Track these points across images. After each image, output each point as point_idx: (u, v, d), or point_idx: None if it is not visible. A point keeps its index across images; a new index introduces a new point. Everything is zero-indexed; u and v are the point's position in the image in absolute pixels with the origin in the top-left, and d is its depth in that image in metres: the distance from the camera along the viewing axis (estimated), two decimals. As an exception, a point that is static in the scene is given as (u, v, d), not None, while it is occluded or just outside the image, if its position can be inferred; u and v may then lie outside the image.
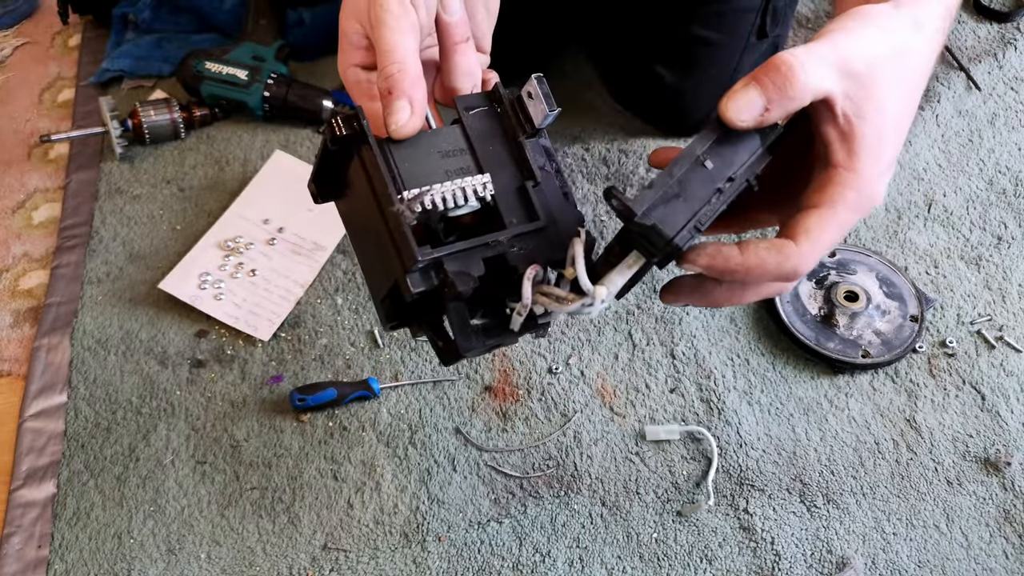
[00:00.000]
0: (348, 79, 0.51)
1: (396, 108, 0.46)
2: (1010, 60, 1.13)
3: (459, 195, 0.46)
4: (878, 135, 0.44)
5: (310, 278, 0.92)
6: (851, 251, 0.93)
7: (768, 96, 0.42)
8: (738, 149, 0.45)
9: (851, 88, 0.43)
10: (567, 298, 0.45)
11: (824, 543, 0.75)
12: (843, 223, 0.44)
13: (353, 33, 0.50)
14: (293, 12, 1.12)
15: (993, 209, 0.99)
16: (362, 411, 0.83)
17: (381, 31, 0.47)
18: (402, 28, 0.47)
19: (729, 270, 0.43)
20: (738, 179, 0.44)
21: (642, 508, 0.77)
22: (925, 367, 0.86)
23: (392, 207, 0.44)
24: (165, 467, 0.79)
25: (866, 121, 0.43)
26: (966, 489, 0.78)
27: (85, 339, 0.88)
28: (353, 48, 0.50)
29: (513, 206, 0.48)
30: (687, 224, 0.43)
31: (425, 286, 0.45)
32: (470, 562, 0.74)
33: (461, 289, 0.44)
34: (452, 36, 0.50)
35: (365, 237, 0.50)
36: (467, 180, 0.47)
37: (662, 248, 0.43)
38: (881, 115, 0.44)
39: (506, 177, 0.48)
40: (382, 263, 0.47)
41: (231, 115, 1.08)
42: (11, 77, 1.16)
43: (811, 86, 0.42)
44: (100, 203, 0.99)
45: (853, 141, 0.44)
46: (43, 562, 0.74)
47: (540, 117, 0.48)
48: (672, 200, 0.43)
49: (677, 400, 0.84)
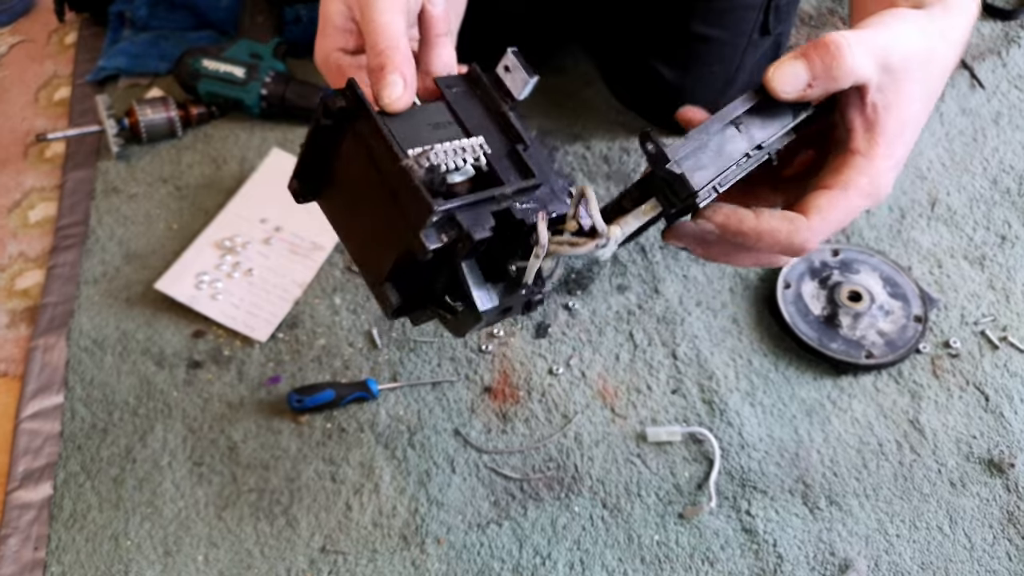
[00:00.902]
0: (329, 63, 0.52)
1: (389, 82, 0.46)
2: (1014, 58, 1.12)
3: (459, 154, 0.46)
4: (899, 129, 0.46)
5: (308, 278, 0.91)
6: (855, 251, 0.92)
7: (814, 72, 0.44)
8: (772, 120, 0.46)
9: (885, 81, 0.45)
10: (579, 242, 0.45)
11: (827, 545, 0.74)
12: (852, 207, 0.46)
13: (338, 15, 0.50)
14: (290, 9, 1.11)
15: (997, 208, 0.98)
16: (360, 412, 0.82)
17: (372, 12, 0.47)
18: (393, 9, 0.47)
19: (741, 232, 0.45)
20: (766, 148, 0.47)
21: (643, 510, 0.76)
22: (929, 368, 0.85)
23: (401, 162, 0.44)
24: (162, 469, 0.79)
25: (891, 114, 0.45)
26: (970, 491, 0.78)
27: (81, 339, 0.87)
28: (337, 31, 0.51)
29: (508, 167, 0.48)
30: (711, 182, 0.45)
31: (440, 242, 0.44)
32: (469, 565, 0.73)
33: (478, 236, 0.43)
34: (435, 28, 0.51)
35: (360, 219, 0.50)
36: (464, 141, 0.47)
37: (683, 199, 0.45)
38: (905, 111, 0.46)
39: (496, 143, 0.48)
40: (386, 236, 0.47)
41: (228, 113, 1.07)
42: (7, 75, 1.15)
43: (856, 71, 0.44)
44: (96, 202, 0.99)
45: (876, 131, 0.45)
46: (40, 564, 0.74)
47: (520, 86, 0.48)
48: (702, 155, 0.45)
49: (679, 401, 0.83)
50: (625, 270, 0.92)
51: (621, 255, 0.93)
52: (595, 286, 0.91)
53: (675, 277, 0.92)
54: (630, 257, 0.93)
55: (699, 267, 0.93)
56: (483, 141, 0.47)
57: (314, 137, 0.48)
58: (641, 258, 0.93)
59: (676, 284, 0.91)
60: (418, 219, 0.44)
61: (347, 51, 0.51)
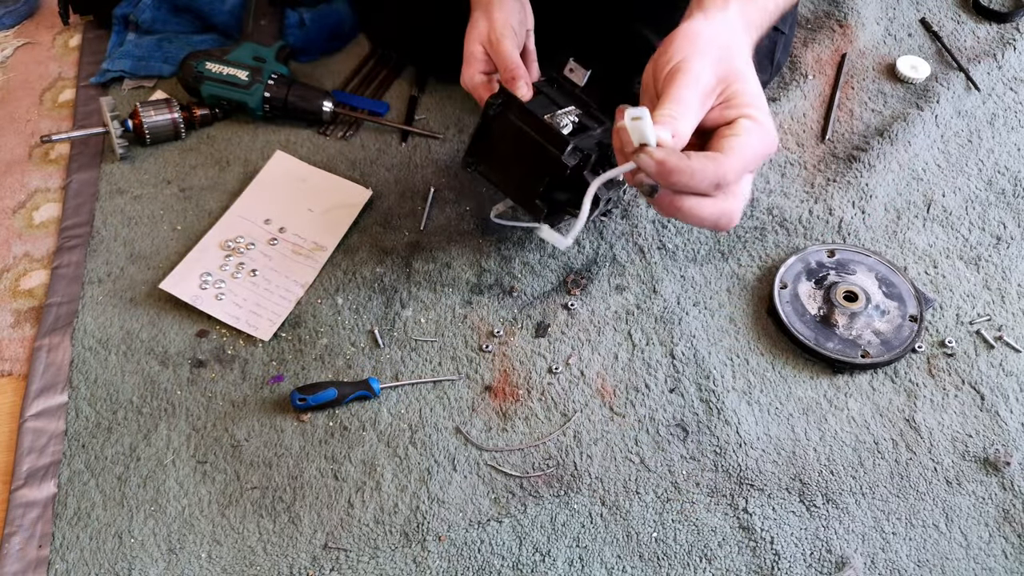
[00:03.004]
0: (475, 82, 0.86)
1: (520, 85, 0.82)
2: (1009, 60, 1.13)
3: (567, 116, 0.83)
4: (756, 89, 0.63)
5: (311, 278, 0.92)
6: (850, 251, 0.93)
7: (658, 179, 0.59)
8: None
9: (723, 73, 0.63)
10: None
11: (823, 542, 0.75)
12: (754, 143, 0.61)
13: (479, 52, 0.85)
14: (293, 13, 1.12)
15: (992, 209, 0.99)
16: (362, 411, 0.83)
17: (502, 48, 0.82)
18: (513, 46, 0.83)
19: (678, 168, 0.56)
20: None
21: (642, 508, 0.77)
22: (924, 367, 0.86)
23: (546, 118, 0.80)
24: (166, 467, 0.80)
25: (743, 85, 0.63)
26: (965, 489, 0.78)
27: (86, 339, 0.88)
28: (478, 62, 0.85)
29: (589, 120, 0.84)
30: None
31: (576, 159, 0.79)
32: (470, 561, 0.74)
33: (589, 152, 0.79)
34: (530, 56, 0.87)
35: (513, 170, 0.84)
36: (563, 110, 0.83)
37: None
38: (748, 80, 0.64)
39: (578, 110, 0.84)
40: (538, 169, 0.80)
41: (232, 115, 1.08)
42: (12, 77, 1.16)
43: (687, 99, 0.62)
44: (101, 203, 1.00)
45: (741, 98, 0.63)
46: (44, 562, 0.74)
47: (581, 78, 0.86)
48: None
49: (677, 400, 0.84)
50: (624, 270, 0.93)
51: (620, 256, 0.94)
52: (594, 286, 0.92)
53: (673, 277, 0.93)
54: (628, 258, 0.94)
55: (697, 268, 0.93)
56: (576, 109, 0.84)
57: (481, 125, 0.84)
58: (639, 259, 0.94)
59: (674, 284, 0.92)
60: (561, 148, 0.78)
61: (485, 73, 0.86)
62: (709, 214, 0.60)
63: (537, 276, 0.93)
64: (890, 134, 1.04)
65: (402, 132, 1.07)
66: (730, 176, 0.58)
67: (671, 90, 0.60)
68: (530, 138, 0.80)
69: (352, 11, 1.17)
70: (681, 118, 0.59)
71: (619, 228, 0.97)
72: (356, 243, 0.96)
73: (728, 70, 0.62)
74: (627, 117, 0.55)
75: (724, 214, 0.60)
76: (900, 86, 1.12)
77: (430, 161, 1.04)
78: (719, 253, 0.95)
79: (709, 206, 0.60)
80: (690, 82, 0.60)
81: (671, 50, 0.63)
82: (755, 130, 0.61)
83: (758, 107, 0.62)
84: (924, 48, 1.16)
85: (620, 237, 0.96)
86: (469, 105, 1.07)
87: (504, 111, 0.82)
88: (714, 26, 0.64)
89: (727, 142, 0.60)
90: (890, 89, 1.11)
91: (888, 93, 1.11)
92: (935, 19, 1.20)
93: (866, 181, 1.00)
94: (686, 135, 0.60)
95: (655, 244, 0.95)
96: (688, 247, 0.95)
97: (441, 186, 1.01)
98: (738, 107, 0.62)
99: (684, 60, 0.61)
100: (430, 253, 0.95)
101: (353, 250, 0.95)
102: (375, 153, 1.05)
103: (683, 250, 0.95)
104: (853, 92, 1.11)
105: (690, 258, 0.94)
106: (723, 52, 0.63)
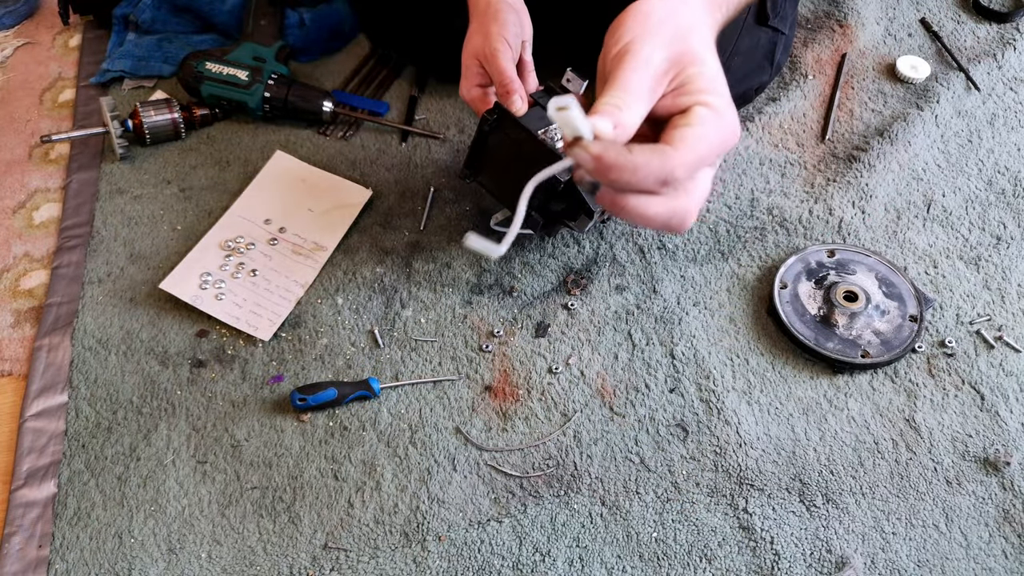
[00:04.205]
0: (473, 95, 0.87)
1: (514, 100, 0.83)
2: (1009, 60, 1.13)
3: (559, 132, 0.74)
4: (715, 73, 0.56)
5: (310, 278, 0.92)
6: (850, 251, 0.93)
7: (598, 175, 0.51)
8: None
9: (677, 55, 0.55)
10: None
11: (823, 542, 0.75)
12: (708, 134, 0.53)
13: (474, 65, 0.85)
14: (293, 13, 1.12)
15: (992, 209, 0.99)
16: (362, 411, 0.83)
17: (496, 61, 0.82)
18: (508, 59, 0.83)
19: (618, 164, 0.49)
20: None
21: (642, 507, 0.77)
22: (924, 367, 0.86)
23: (539, 133, 0.82)
24: (166, 467, 0.80)
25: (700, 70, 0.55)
26: (965, 489, 0.78)
27: (86, 339, 0.88)
28: (474, 75, 0.86)
29: None
30: None
31: (569, 175, 0.75)
32: (470, 561, 0.74)
33: None
34: (526, 68, 0.87)
35: (508, 180, 0.86)
36: None
37: None
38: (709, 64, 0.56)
39: None
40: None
41: (231, 115, 1.08)
42: (12, 77, 1.16)
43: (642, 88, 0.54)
44: (101, 203, 1.00)
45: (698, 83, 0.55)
46: (44, 562, 0.74)
47: (578, 89, 0.83)
48: None
49: (676, 400, 0.84)
50: (623, 271, 0.93)
51: (620, 256, 0.94)
52: (594, 286, 0.92)
53: (673, 277, 0.93)
54: (629, 258, 0.94)
55: (697, 268, 0.93)
56: None
57: (478, 138, 0.86)
58: (639, 259, 0.94)
59: (674, 284, 0.92)
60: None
61: (481, 86, 0.86)
62: (657, 214, 0.53)
63: (537, 276, 0.93)
64: (890, 134, 1.04)
65: (402, 132, 1.07)
66: (679, 172, 0.51)
67: (616, 75, 0.54)
68: (524, 153, 0.81)
69: (352, 11, 1.17)
70: (626, 107, 0.52)
71: (619, 228, 0.97)
72: (356, 243, 0.96)
73: (682, 52, 0.55)
74: (551, 108, 0.47)
75: (675, 214, 0.53)
76: (900, 86, 1.12)
77: (430, 161, 1.04)
78: (719, 253, 0.95)
79: (656, 205, 0.53)
80: (638, 66, 0.53)
81: (620, 31, 0.56)
82: (711, 119, 0.53)
83: (716, 93, 0.55)
84: (924, 48, 1.16)
85: (620, 237, 0.96)
86: (469, 107, 1.07)
87: (499, 126, 0.83)
88: (670, 3, 0.57)
89: (678, 133, 0.52)
90: (890, 89, 1.11)
91: (888, 93, 1.11)
92: (935, 19, 1.20)
93: (866, 181, 1.00)
94: (631, 126, 0.53)
95: (655, 244, 0.95)
96: (688, 247, 0.95)
97: (441, 186, 1.01)
98: (693, 93, 0.54)
99: (632, 42, 0.55)
100: (430, 253, 0.95)
101: (353, 250, 0.95)
102: (375, 153, 1.05)
103: (683, 250, 0.95)
104: (853, 92, 1.11)
105: (690, 258, 0.94)
106: (678, 32, 0.56)
